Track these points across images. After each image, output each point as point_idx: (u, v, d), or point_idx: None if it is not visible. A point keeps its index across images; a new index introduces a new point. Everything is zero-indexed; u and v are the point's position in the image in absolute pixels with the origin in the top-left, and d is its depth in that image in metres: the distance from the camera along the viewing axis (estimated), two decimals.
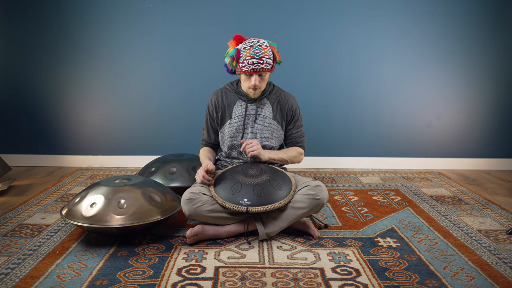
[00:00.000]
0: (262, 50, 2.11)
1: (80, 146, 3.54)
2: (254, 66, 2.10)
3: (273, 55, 2.16)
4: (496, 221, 2.40)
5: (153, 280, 1.73)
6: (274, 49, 2.18)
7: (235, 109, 2.27)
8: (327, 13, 3.38)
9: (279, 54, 2.19)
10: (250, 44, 2.13)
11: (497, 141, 3.58)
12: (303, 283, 1.71)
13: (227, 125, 2.28)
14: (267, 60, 2.11)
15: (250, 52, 2.10)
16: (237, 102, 2.27)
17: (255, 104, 2.26)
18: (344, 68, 3.46)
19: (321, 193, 2.07)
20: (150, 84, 3.48)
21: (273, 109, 2.27)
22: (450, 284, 1.71)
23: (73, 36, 3.38)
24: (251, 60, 2.09)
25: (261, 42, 2.15)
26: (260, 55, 2.10)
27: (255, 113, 2.25)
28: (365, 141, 3.55)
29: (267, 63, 2.12)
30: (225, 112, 2.29)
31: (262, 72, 2.13)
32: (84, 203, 2.03)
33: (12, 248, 2.00)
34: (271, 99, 2.28)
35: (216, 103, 2.30)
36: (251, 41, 2.15)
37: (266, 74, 2.18)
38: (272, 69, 2.16)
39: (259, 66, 2.10)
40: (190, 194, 2.07)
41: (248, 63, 2.10)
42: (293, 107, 2.30)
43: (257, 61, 2.09)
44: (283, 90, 2.34)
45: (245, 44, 2.15)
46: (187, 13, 3.36)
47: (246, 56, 2.10)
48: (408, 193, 2.89)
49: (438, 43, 3.43)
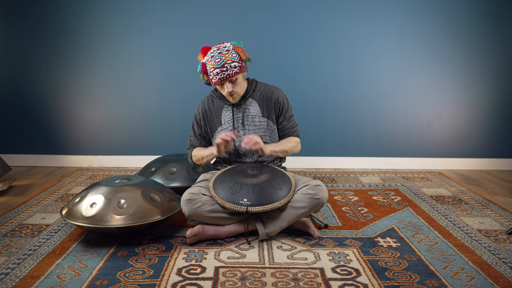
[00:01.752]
0: (222, 57, 2.10)
1: (80, 146, 3.54)
2: (219, 76, 2.11)
3: (237, 56, 2.13)
4: (496, 221, 2.40)
5: (153, 280, 1.73)
6: (238, 49, 2.15)
7: (223, 114, 2.27)
8: (327, 13, 3.38)
9: (244, 53, 2.17)
10: (211, 55, 2.13)
11: (497, 141, 3.58)
12: (303, 283, 1.71)
13: (219, 132, 2.28)
14: (230, 64, 2.10)
15: (212, 63, 2.11)
16: (224, 107, 2.28)
17: (240, 106, 2.26)
18: (344, 68, 3.46)
19: (321, 193, 2.07)
20: (150, 84, 3.48)
21: (261, 106, 2.27)
22: (450, 284, 1.71)
23: (73, 36, 3.38)
24: (215, 71, 2.10)
25: (221, 49, 2.13)
26: (221, 63, 2.09)
27: (242, 115, 2.25)
28: (365, 141, 3.55)
29: (232, 67, 2.10)
30: (214, 119, 2.29)
31: (230, 78, 2.13)
32: (84, 203, 2.03)
33: (12, 248, 2.00)
34: (255, 97, 2.27)
35: (203, 112, 2.31)
36: (212, 51, 2.14)
37: (238, 77, 2.15)
38: (241, 70, 2.14)
39: (224, 74, 2.10)
40: (190, 194, 2.07)
41: (214, 74, 2.11)
42: (279, 99, 2.28)
43: (220, 70, 2.09)
44: (267, 85, 2.32)
45: (207, 56, 2.15)
46: (187, 13, 3.36)
47: (211, 68, 2.12)
48: (408, 193, 2.89)
49: (438, 43, 3.43)
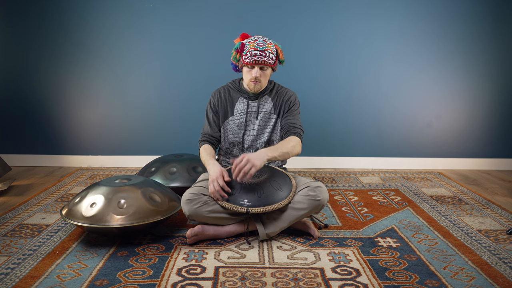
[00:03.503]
0: (266, 44, 2.16)
1: (80, 146, 3.54)
2: (256, 57, 2.14)
3: (276, 52, 2.20)
4: (496, 221, 2.40)
5: (153, 280, 1.73)
6: (278, 48, 2.22)
7: (237, 106, 2.29)
8: (326, 12, 3.38)
9: (282, 53, 2.24)
10: (255, 39, 2.19)
11: (497, 141, 3.58)
12: (303, 283, 1.71)
13: (230, 122, 2.30)
14: (269, 54, 2.15)
15: (254, 45, 2.15)
16: (239, 99, 2.30)
17: (256, 101, 2.27)
18: (344, 68, 3.46)
19: (321, 194, 2.07)
20: (150, 84, 3.48)
21: (274, 105, 2.30)
22: (450, 284, 1.71)
23: (73, 36, 3.38)
24: (254, 52, 2.14)
25: (266, 39, 2.20)
26: (263, 48, 2.14)
27: (257, 109, 2.26)
28: (365, 141, 3.55)
29: (269, 57, 2.15)
30: (227, 108, 2.31)
31: (263, 66, 2.16)
32: (84, 203, 2.03)
33: (12, 248, 2.00)
34: (272, 95, 2.31)
35: (219, 98, 2.33)
36: (257, 36, 2.21)
37: (268, 69, 2.20)
38: (274, 64, 2.20)
39: (261, 58, 2.14)
40: (190, 194, 2.06)
41: (250, 55, 2.15)
42: (291, 98, 2.31)
43: (260, 53, 2.13)
44: (283, 87, 2.36)
45: (250, 39, 2.21)
46: (187, 13, 3.36)
47: (250, 49, 2.15)
48: (408, 193, 2.89)
49: (438, 43, 3.43)
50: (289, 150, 2.12)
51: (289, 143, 2.15)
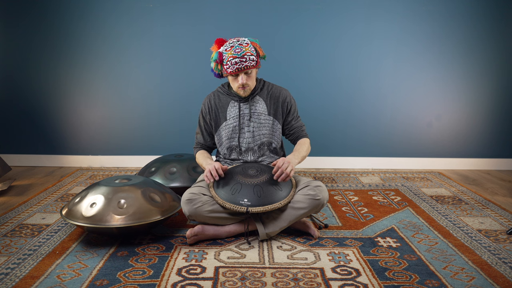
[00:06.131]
0: (243, 48, 2.12)
1: (80, 146, 3.54)
2: (237, 65, 2.11)
3: (255, 51, 2.17)
4: (496, 221, 2.40)
5: (153, 280, 1.73)
6: (256, 45, 2.18)
7: (229, 110, 2.28)
8: (326, 12, 3.38)
9: (261, 49, 2.20)
10: (231, 45, 2.14)
11: (497, 141, 3.58)
12: (303, 283, 1.71)
13: (223, 127, 2.29)
14: (249, 57, 2.12)
15: (231, 52, 2.11)
16: (230, 103, 2.28)
17: (247, 103, 2.26)
18: (343, 68, 3.46)
19: (321, 193, 2.07)
20: (150, 84, 3.48)
21: (267, 105, 2.28)
22: (450, 284, 1.71)
23: (73, 36, 3.38)
24: (234, 60, 2.10)
25: (241, 41, 2.15)
26: (241, 54, 2.11)
27: (249, 111, 2.25)
28: (365, 141, 3.55)
29: (250, 60, 2.12)
30: (219, 114, 2.30)
31: (247, 70, 2.14)
32: (84, 203, 2.03)
33: (12, 248, 2.00)
34: (263, 95, 2.29)
35: (209, 106, 2.31)
36: (231, 41, 2.16)
37: (253, 71, 2.18)
38: (257, 65, 2.17)
39: (243, 64, 2.11)
40: (190, 194, 2.07)
41: (231, 64, 2.11)
42: (287, 99, 2.30)
43: (240, 60, 2.10)
44: (274, 85, 2.34)
45: (226, 46, 2.16)
46: (187, 13, 3.36)
47: (229, 57, 2.11)
48: (408, 193, 2.89)
49: (438, 43, 3.43)
50: (306, 154, 2.26)
51: (304, 146, 2.27)
